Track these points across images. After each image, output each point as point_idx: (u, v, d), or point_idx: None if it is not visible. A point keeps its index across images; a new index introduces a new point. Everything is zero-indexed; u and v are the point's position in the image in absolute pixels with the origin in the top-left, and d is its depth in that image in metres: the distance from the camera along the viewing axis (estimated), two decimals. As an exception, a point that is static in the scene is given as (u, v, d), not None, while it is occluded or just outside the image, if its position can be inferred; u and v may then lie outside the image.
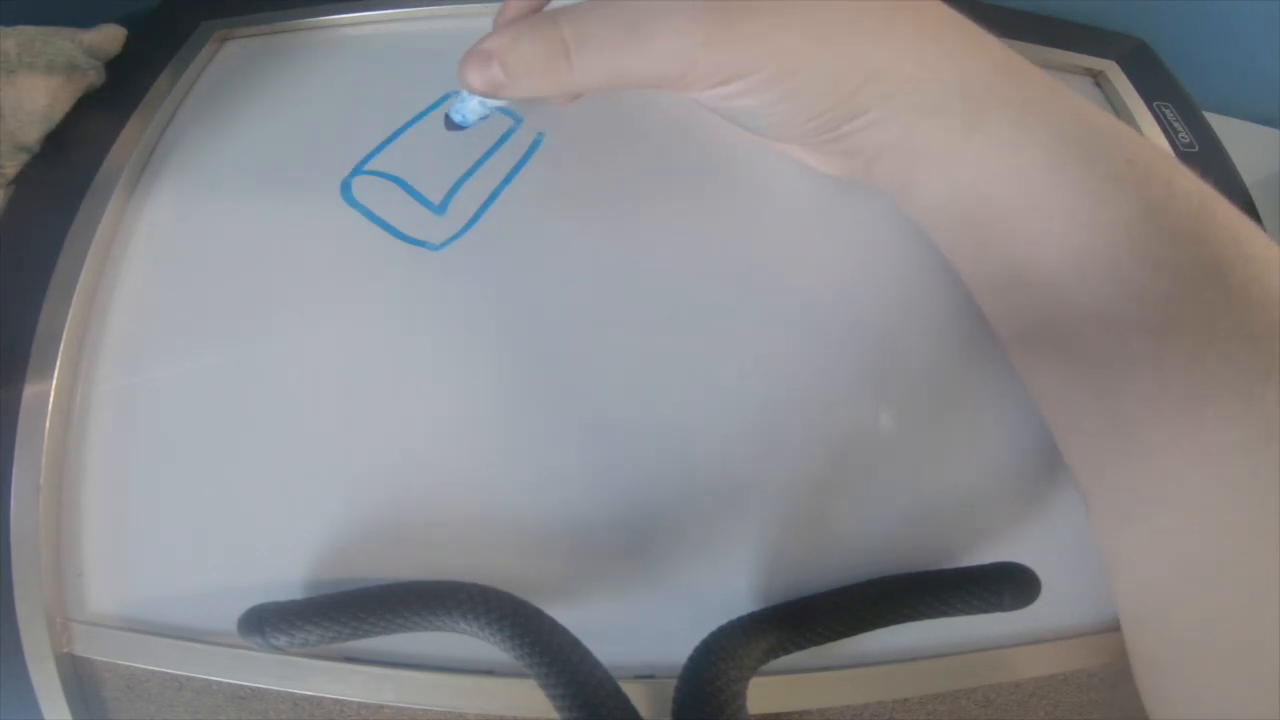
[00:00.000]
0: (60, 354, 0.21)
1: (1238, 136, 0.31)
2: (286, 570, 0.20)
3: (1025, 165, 0.19)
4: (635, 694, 0.17)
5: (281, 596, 0.18)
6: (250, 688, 0.19)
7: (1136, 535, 0.18)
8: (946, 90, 0.19)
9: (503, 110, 0.24)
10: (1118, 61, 0.31)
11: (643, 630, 0.19)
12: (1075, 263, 0.18)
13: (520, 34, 0.18)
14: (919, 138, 0.20)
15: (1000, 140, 0.19)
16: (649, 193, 0.24)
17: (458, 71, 0.19)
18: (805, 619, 0.18)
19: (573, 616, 0.17)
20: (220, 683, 0.19)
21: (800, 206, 0.24)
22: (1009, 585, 0.18)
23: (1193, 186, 0.18)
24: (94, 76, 0.27)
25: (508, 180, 0.24)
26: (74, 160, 0.25)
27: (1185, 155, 0.28)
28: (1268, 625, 0.15)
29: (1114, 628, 0.20)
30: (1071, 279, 0.19)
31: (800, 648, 0.18)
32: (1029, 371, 0.21)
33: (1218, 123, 0.30)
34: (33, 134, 0.26)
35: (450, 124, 0.22)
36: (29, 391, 0.21)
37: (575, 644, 0.16)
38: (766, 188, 0.24)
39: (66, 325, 0.22)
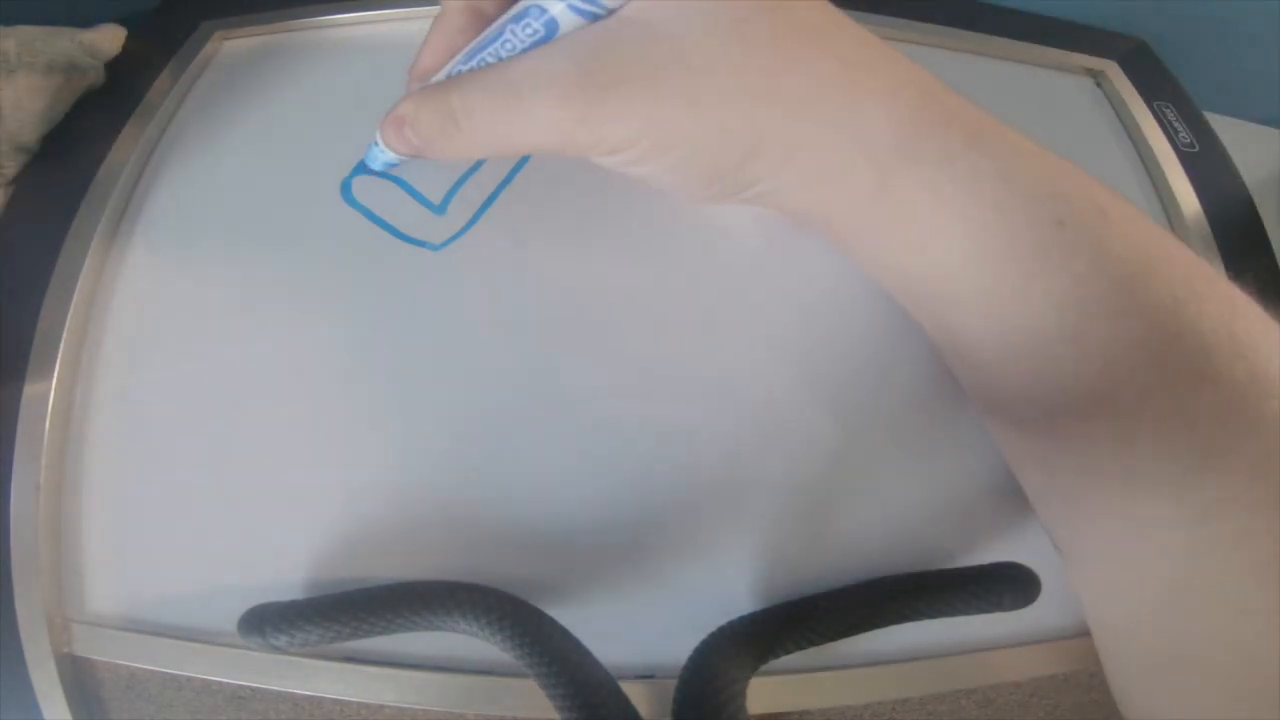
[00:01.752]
0: (60, 354, 0.21)
1: (1238, 136, 0.31)
2: (286, 570, 0.20)
3: (939, 234, 0.17)
4: (635, 694, 0.17)
5: (281, 596, 0.18)
6: (250, 688, 0.19)
7: (1086, 583, 0.19)
8: (846, 152, 0.17)
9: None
10: (1118, 61, 0.31)
11: (643, 630, 0.19)
12: (1000, 343, 0.18)
13: (420, 101, 0.18)
14: (826, 204, 0.18)
15: (911, 208, 0.17)
16: (651, 194, 0.24)
17: (379, 131, 0.20)
18: (805, 619, 0.18)
19: (573, 616, 0.17)
20: (220, 683, 0.19)
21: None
22: (1009, 585, 0.18)
23: (1132, 244, 0.16)
24: (94, 76, 0.27)
25: (508, 180, 0.24)
26: (74, 160, 0.25)
27: (1185, 155, 0.28)
28: (1206, 670, 0.16)
29: (1114, 628, 0.20)
30: (998, 358, 0.18)
31: (800, 648, 0.18)
32: (987, 423, 0.21)
33: (1218, 123, 0.30)
34: (33, 134, 0.25)
35: (365, 170, 0.22)
36: (29, 391, 0.21)
37: (575, 644, 0.16)
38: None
39: (66, 325, 0.22)
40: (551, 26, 0.17)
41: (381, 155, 0.21)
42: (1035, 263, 0.16)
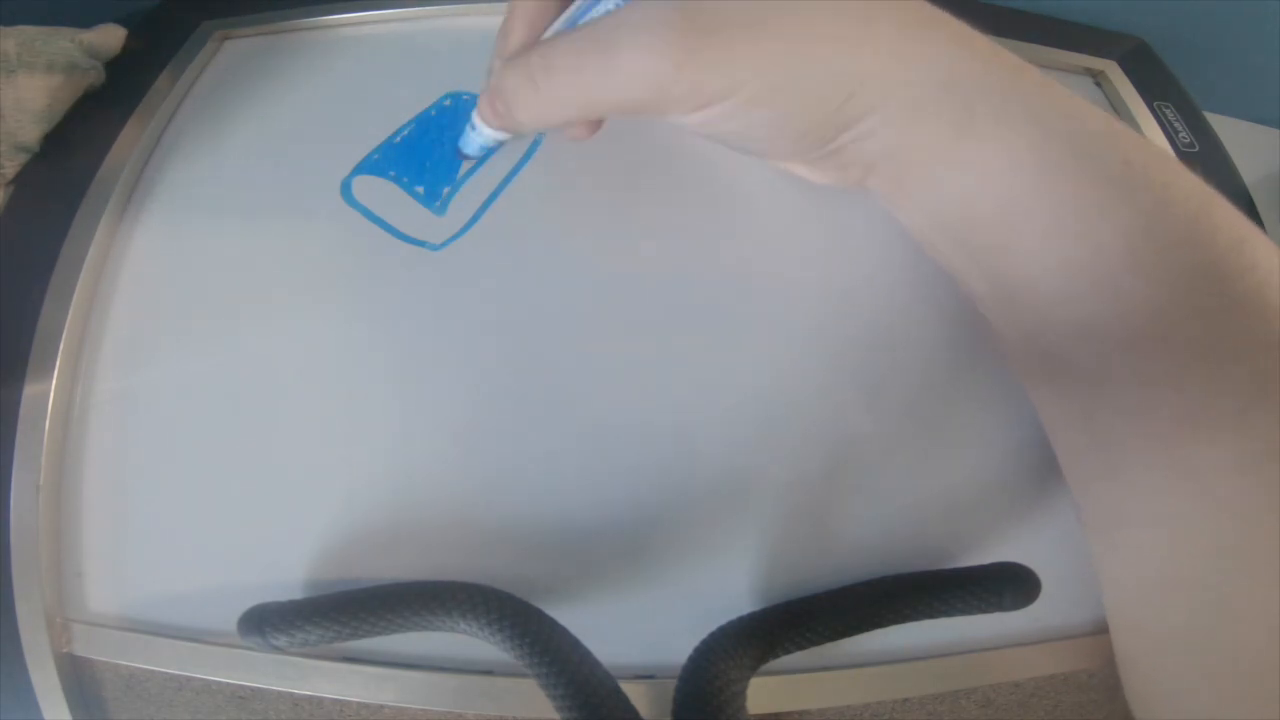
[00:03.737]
0: (60, 354, 0.21)
1: (1238, 136, 0.31)
2: (286, 570, 0.20)
3: (1014, 169, 0.18)
4: (635, 694, 0.17)
5: (281, 596, 0.18)
6: (250, 688, 0.19)
7: (1120, 547, 0.18)
8: (935, 91, 0.18)
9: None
10: (1118, 61, 0.31)
11: (643, 630, 0.19)
12: (1063, 277, 0.18)
13: (504, 68, 0.18)
14: (910, 144, 0.19)
15: (989, 143, 0.18)
16: (649, 193, 0.24)
17: (475, 111, 0.20)
18: (805, 619, 0.18)
19: (573, 616, 0.17)
20: (220, 683, 0.19)
21: (801, 208, 0.24)
22: (1009, 585, 0.18)
23: (1192, 188, 0.17)
24: (94, 76, 0.27)
25: (507, 180, 0.24)
26: (74, 160, 0.25)
27: (1185, 155, 0.28)
28: (1246, 638, 0.15)
29: (1114, 628, 0.20)
30: (1058, 296, 0.18)
31: (800, 648, 0.18)
32: (1027, 383, 0.21)
33: (1218, 123, 0.30)
34: (33, 134, 0.25)
35: (460, 154, 0.23)
36: (29, 391, 0.21)
37: (575, 644, 0.16)
38: (766, 189, 0.24)
39: (66, 325, 0.22)
40: None
41: (478, 137, 0.21)
42: (1106, 197, 0.17)
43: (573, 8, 0.18)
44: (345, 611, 0.17)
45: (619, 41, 0.16)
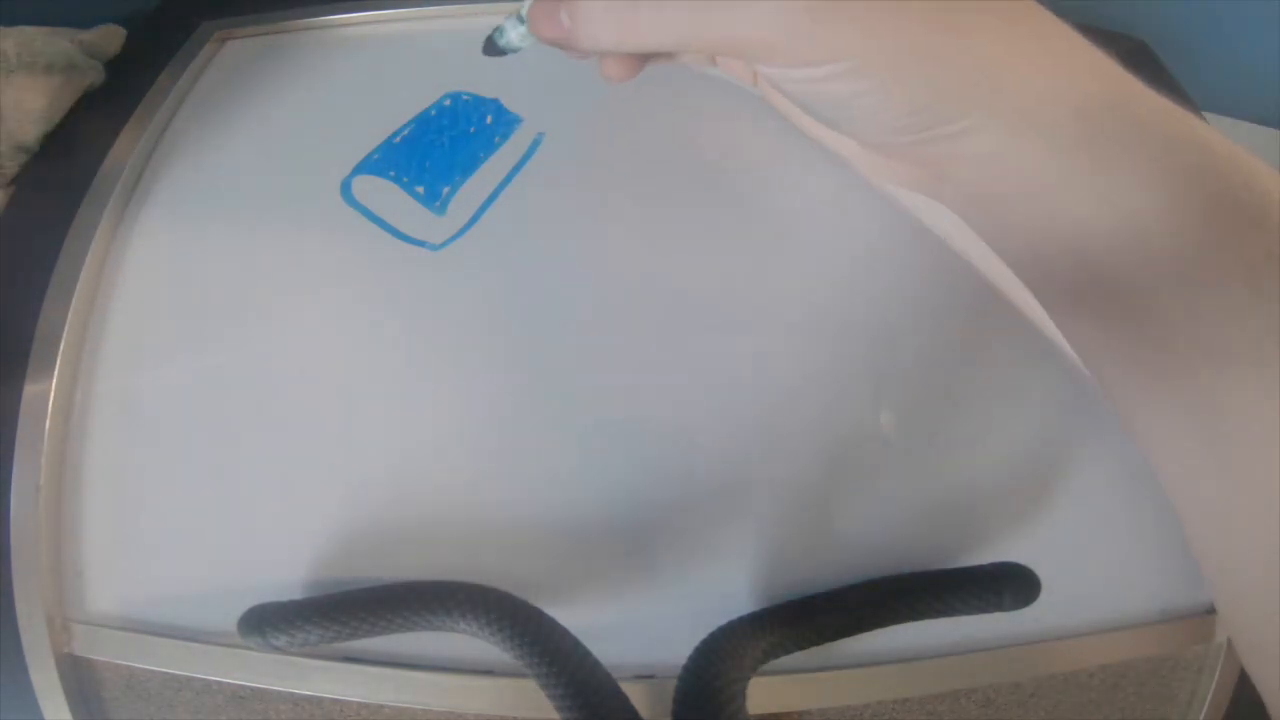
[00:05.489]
0: (60, 354, 0.21)
1: (1238, 136, 0.31)
2: (286, 570, 0.20)
3: (1135, 196, 0.17)
4: (635, 694, 0.17)
5: (281, 596, 0.18)
6: (250, 688, 0.19)
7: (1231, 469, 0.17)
8: (1059, 102, 0.17)
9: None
10: (1118, 61, 0.31)
11: (643, 630, 0.19)
12: (1183, 291, 0.17)
13: None
14: (1017, 152, 0.17)
15: (1109, 163, 0.17)
16: (649, 193, 0.24)
17: (527, 10, 0.18)
18: (805, 619, 0.18)
19: (573, 616, 0.17)
20: (220, 683, 0.19)
21: (802, 207, 0.24)
22: (1009, 585, 0.18)
23: None
24: (94, 76, 0.27)
25: (507, 180, 0.24)
26: (74, 160, 0.25)
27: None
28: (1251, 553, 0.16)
29: (1114, 628, 0.20)
30: (1173, 306, 0.17)
31: (800, 648, 0.18)
32: (1100, 363, 0.20)
33: (1218, 123, 0.30)
34: (33, 134, 0.26)
35: (492, 48, 0.21)
36: (29, 391, 0.21)
37: (575, 644, 0.16)
38: (768, 188, 0.24)
39: (66, 325, 0.22)
40: None
41: (514, 32, 0.20)
42: (1230, 220, 0.16)
43: None
44: (345, 611, 0.17)
45: None
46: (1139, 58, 0.31)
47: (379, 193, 0.24)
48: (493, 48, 0.21)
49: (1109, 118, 0.17)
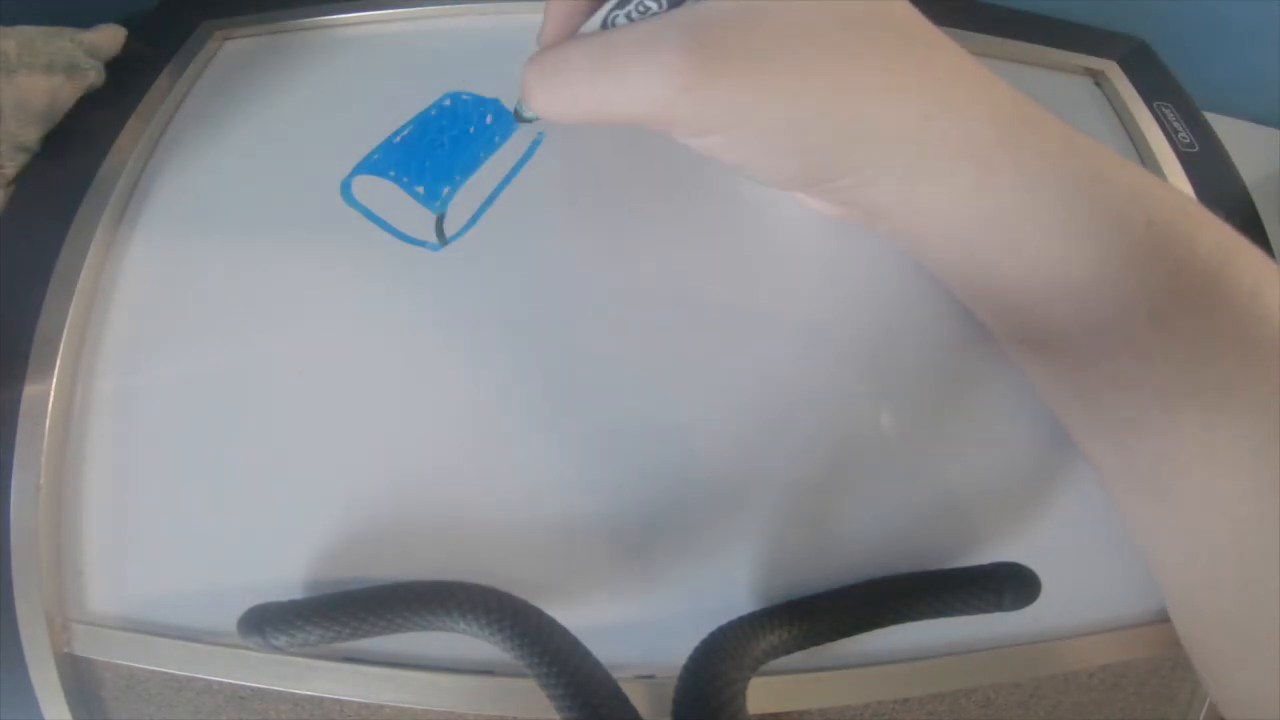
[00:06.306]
0: (60, 354, 0.21)
1: (1238, 136, 0.31)
2: (286, 570, 0.20)
3: (1038, 238, 0.18)
4: (635, 694, 0.17)
5: (281, 596, 0.18)
6: (250, 688, 0.19)
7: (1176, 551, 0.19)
8: (950, 150, 0.17)
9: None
10: (1118, 61, 0.31)
11: (643, 630, 0.19)
12: (1090, 333, 0.18)
13: (528, 61, 0.18)
14: (918, 201, 0.18)
15: (1010, 206, 0.18)
16: (650, 193, 0.24)
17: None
18: (805, 619, 0.18)
19: (573, 616, 0.17)
20: (220, 683, 0.19)
21: (803, 211, 0.24)
22: (1009, 585, 0.18)
23: (1215, 239, 0.17)
24: (94, 76, 0.27)
25: (508, 180, 0.24)
26: (74, 160, 0.25)
27: (1185, 155, 0.28)
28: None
29: (1114, 628, 0.20)
30: (1086, 346, 0.18)
31: (800, 648, 0.18)
32: (1049, 399, 0.21)
33: (1218, 123, 0.30)
34: (33, 134, 0.25)
35: (519, 118, 0.22)
36: (29, 391, 0.21)
37: (575, 644, 0.16)
38: (769, 192, 0.24)
39: (66, 325, 0.22)
40: None
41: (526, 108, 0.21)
42: (1129, 258, 0.17)
43: (602, 10, 0.18)
44: (345, 611, 0.17)
45: (630, 57, 0.16)
46: (1139, 58, 0.31)
47: (379, 193, 0.24)
48: (520, 118, 0.22)
49: (1005, 160, 0.17)
